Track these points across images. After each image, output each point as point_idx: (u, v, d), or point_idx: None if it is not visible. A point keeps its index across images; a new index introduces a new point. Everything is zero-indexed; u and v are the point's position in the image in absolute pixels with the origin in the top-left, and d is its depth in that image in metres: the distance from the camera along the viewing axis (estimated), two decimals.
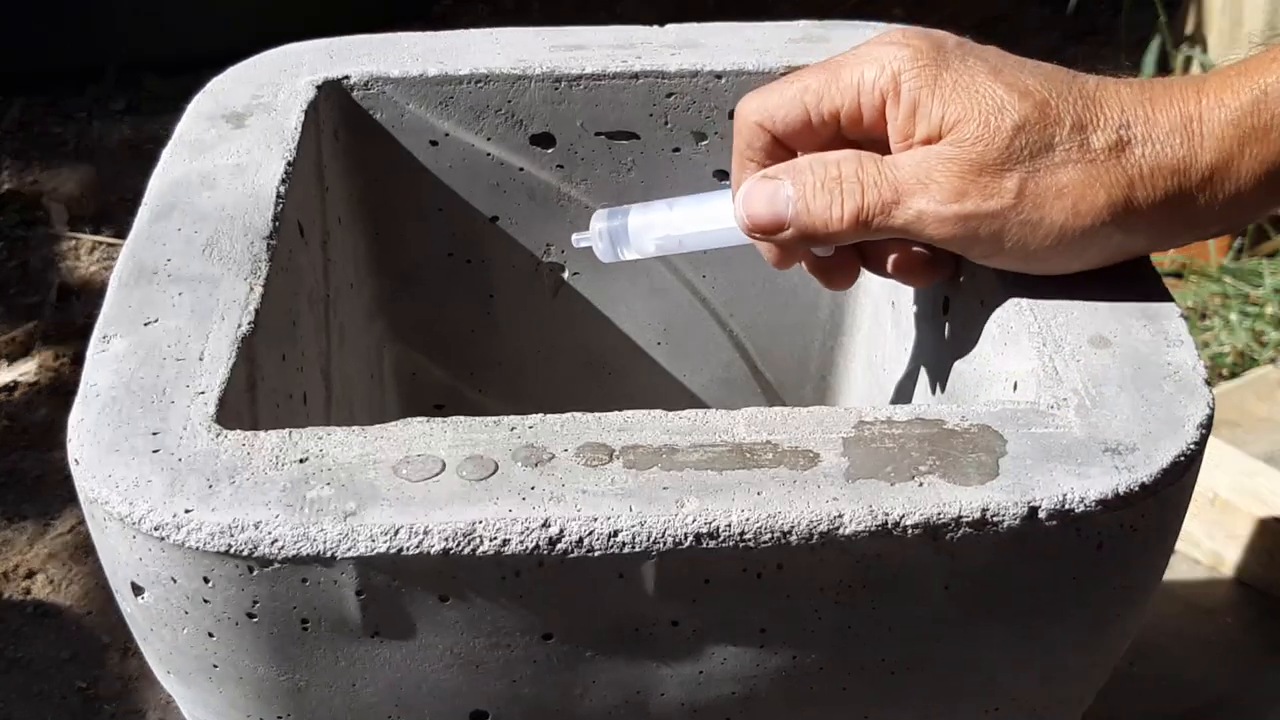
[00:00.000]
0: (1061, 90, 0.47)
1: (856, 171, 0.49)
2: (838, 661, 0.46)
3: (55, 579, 1.10)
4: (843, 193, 0.49)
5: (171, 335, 0.49)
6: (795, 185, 0.50)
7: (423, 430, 0.45)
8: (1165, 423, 0.45)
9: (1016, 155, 0.47)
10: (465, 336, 0.74)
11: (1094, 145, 0.47)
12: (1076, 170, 0.47)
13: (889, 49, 0.49)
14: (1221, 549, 1.04)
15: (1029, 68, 0.49)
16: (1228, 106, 0.46)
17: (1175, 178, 0.47)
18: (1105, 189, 0.47)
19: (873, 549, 0.42)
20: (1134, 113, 0.47)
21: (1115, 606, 0.47)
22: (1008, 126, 0.47)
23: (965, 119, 0.47)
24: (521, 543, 0.41)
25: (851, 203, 0.49)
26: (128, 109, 1.72)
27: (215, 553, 0.42)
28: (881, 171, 0.48)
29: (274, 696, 0.46)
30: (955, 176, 0.47)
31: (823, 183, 0.49)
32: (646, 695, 0.47)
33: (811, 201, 0.49)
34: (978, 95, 0.47)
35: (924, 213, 0.48)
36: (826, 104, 0.50)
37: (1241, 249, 1.39)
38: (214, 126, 0.61)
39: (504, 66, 0.65)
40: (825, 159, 0.50)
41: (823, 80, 0.50)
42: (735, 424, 0.45)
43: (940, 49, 0.49)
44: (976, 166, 0.47)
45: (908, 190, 0.48)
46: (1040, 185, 0.47)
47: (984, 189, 0.47)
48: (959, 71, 0.48)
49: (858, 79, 0.49)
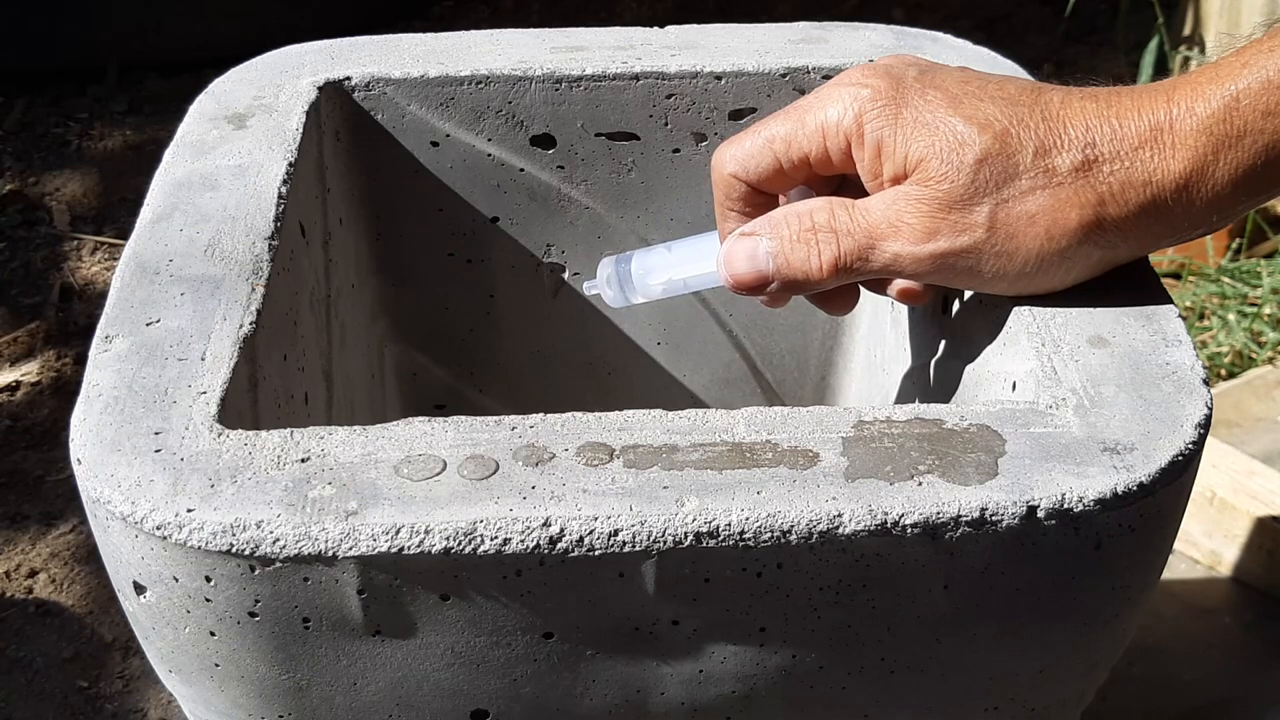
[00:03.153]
0: (1022, 115, 0.47)
1: (829, 220, 0.50)
2: (837, 660, 0.46)
3: (57, 578, 1.10)
4: (818, 243, 0.50)
5: (174, 335, 0.49)
6: (773, 239, 0.51)
7: (424, 430, 0.45)
8: (1163, 422, 0.45)
9: (982, 188, 0.47)
10: (466, 336, 0.74)
11: (1059, 168, 0.47)
12: (1044, 195, 0.47)
13: (849, 90, 0.50)
14: (1220, 548, 1.04)
15: (990, 92, 0.48)
16: (1198, 114, 0.46)
17: (1147, 190, 0.47)
18: (1076, 209, 0.47)
19: (872, 548, 0.43)
20: (1099, 129, 0.47)
21: (1113, 606, 0.47)
22: (969, 161, 0.47)
23: (928, 157, 0.47)
24: (522, 542, 0.42)
25: (829, 252, 0.49)
26: (129, 110, 1.72)
27: (217, 552, 0.42)
28: (854, 218, 0.49)
29: (275, 695, 0.46)
30: (925, 216, 0.48)
31: (799, 235, 0.50)
32: (647, 694, 0.47)
33: (790, 255, 0.50)
34: (938, 132, 0.47)
35: (899, 255, 0.49)
36: (795, 150, 0.51)
37: (1239, 250, 1.39)
38: (216, 127, 0.61)
39: (504, 68, 0.65)
40: (799, 210, 0.51)
41: (789, 127, 0.51)
42: (735, 424, 0.45)
43: (899, 85, 0.49)
44: (944, 204, 0.47)
45: (880, 234, 0.49)
46: (1010, 215, 0.47)
47: (954, 226, 0.47)
48: (918, 108, 0.48)
49: (821, 122, 0.50)
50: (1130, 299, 0.50)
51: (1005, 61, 0.67)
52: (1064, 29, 1.84)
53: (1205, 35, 1.60)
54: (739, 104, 0.66)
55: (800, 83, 0.66)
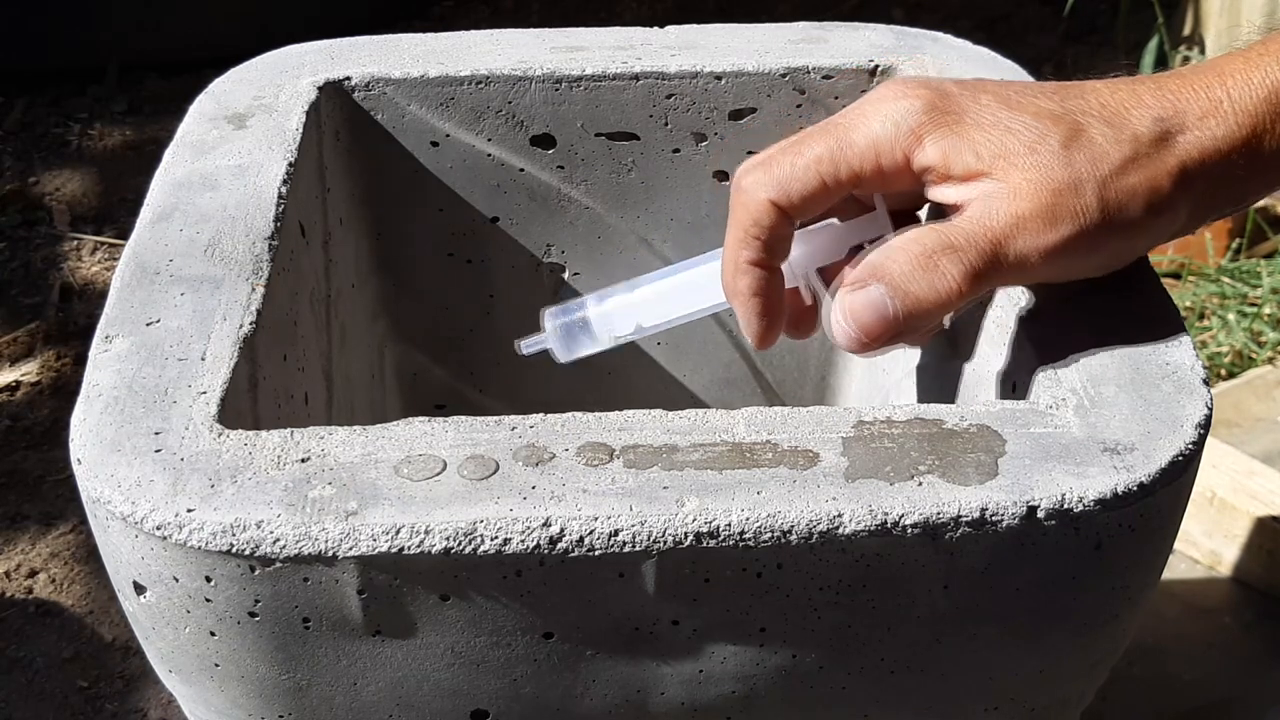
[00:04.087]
0: (1081, 106, 0.47)
1: (941, 240, 0.47)
2: (837, 661, 0.46)
3: (57, 578, 1.10)
4: (942, 264, 0.46)
5: (174, 335, 0.49)
6: (887, 281, 0.47)
7: (424, 430, 0.45)
8: (1164, 423, 0.45)
9: (1080, 172, 0.46)
10: (466, 336, 0.74)
11: (1142, 140, 0.46)
12: (1138, 169, 0.46)
13: (894, 105, 0.48)
14: (1219, 548, 1.04)
15: (1035, 90, 0.48)
16: (1255, 84, 0.47)
17: (1219, 155, 0.47)
18: (1168, 178, 0.46)
19: (872, 548, 0.43)
20: (1161, 106, 0.47)
21: (1114, 606, 0.47)
22: (1056, 147, 0.46)
23: (1013, 151, 0.46)
24: (522, 542, 0.42)
25: (956, 268, 0.46)
26: (129, 110, 1.72)
27: (217, 552, 0.42)
28: (967, 228, 0.47)
29: (275, 695, 0.46)
30: (1044, 205, 0.46)
31: (915, 263, 0.47)
32: (647, 694, 0.47)
33: (913, 286, 0.47)
34: (1011, 129, 0.46)
35: (1029, 250, 0.46)
36: (844, 169, 0.48)
37: (1239, 250, 1.39)
38: (216, 127, 0.61)
39: (504, 68, 0.65)
40: (897, 245, 0.47)
41: (832, 146, 0.48)
42: (735, 424, 0.45)
43: (945, 95, 0.48)
44: (1054, 191, 0.46)
45: (1004, 234, 0.46)
46: (1118, 192, 0.46)
47: (1072, 210, 0.46)
48: (977, 112, 0.47)
49: (873, 139, 0.48)
50: (1130, 299, 0.50)
51: (1005, 62, 0.67)
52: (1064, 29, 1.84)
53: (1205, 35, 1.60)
54: (739, 104, 0.66)
55: (800, 83, 0.66)
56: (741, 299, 0.51)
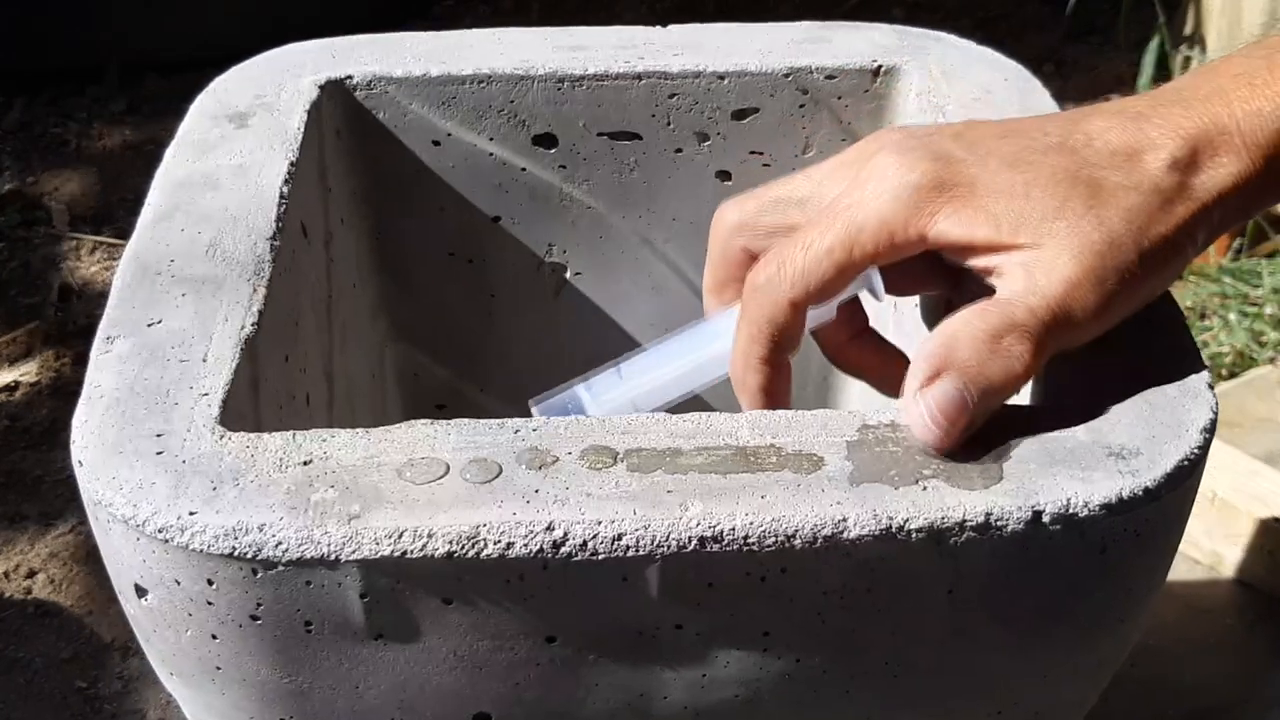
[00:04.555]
0: (1089, 155, 0.46)
1: (1006, 320, 0.45)
2: (841, 665, 0.46)
3: (56, 579, 1.10)
4: (1009, 344, 0.45)
5: (175, 336, 0.49)
6: (958, 374, 0.45)
7: (427, 433, 0.45)
8: (1168, 427, 0.45)
9: (1115, 231, 0.45)
10: (467, 336, 0.74)
11: (1163, 190, 0.46)
12: (1166, 218, 0.46)
13: (903, 179, 0.46)
14: (1221, 549, 1.04)
15: (1039, 143, 0.47)
16: (1267, 116, 0.46)
17: (1235, 191, 0.46)
18: (1192, 220, 0.46)
19: (876, 553, 0.42)
20: (1175, 145, 0.46)
21: (1118, 610, 0.47)
22: (1081, 210, 0.45)
23: (1033, 220, 0.45)
24: (525, 546, 0.41)
25: (1022, 347, 0.45)
26: (129, 109, 1.72)
27: (219, 555, 0.42)
28: (1031, 302, 0.45)
29: (277, 699, 0.46)
30: (1087, 269, 0.45)
31: (983, 350, 0.45)
32: (650, 698, 0.47)
33: (989, 373, 0.45)
34: (1030, 196, 0.45)
35: (1083, 314, 0.45)
36: (859, 255, 0.47)
37: (1240, 249, 1.39)
38: (216, 127, 0.61)
39: (506, 67, 0.65)
40: (956, 331, 0.46)
41: (843, 236, 0.47)
42: (739, 427, 0.45)
43: (951, 163, 0.46)
44: (1095, 253, 0.45)
45: (1061, 302, 0.45)
46: (1152, 243, 0.45)
47: (1117, 268, 0.45)
48: (988, 181, 0.46)
49: (884, 221, 0.47)
50: None
51: (1008, 62, 0.67)
52: (1064, 29, 1.84)
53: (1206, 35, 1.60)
54: (742, 104, 0.66)
55: (803, 82, 0.66)
56: (749, 394, 0.51)
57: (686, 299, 0.73)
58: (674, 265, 0.73)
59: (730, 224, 0.52)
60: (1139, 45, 1.64)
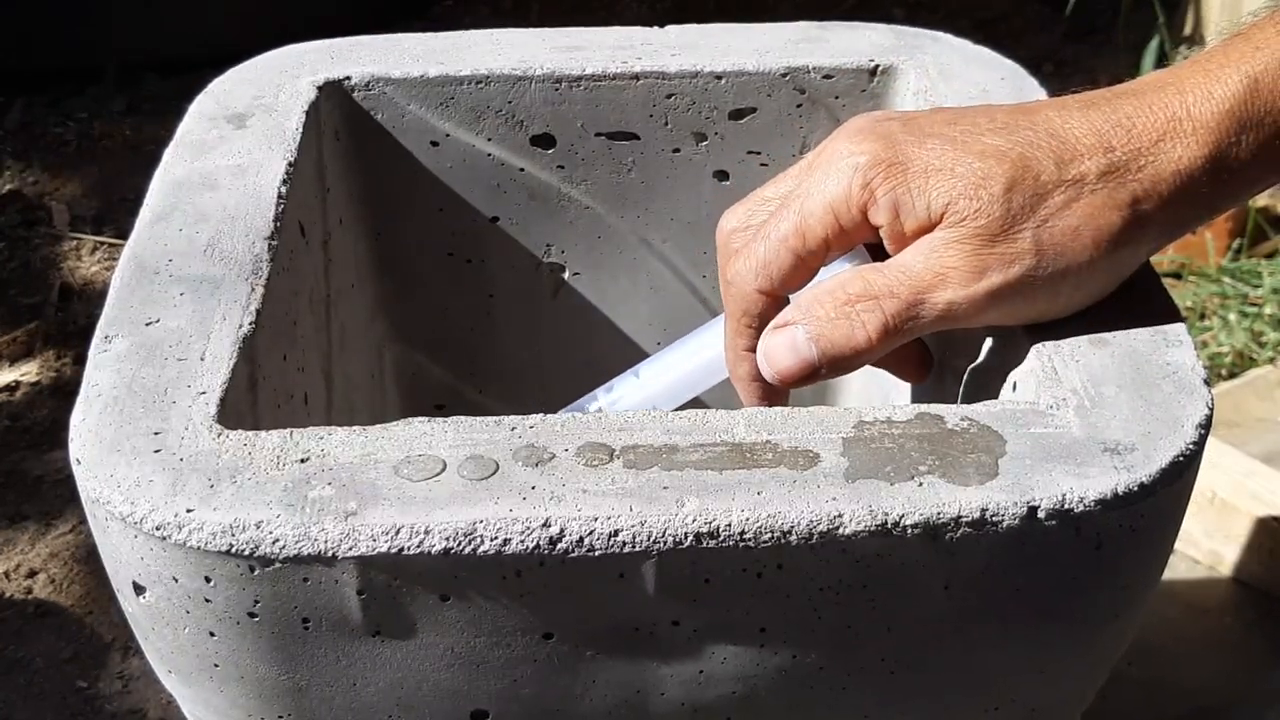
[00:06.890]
0: (1029, 138, 0.47)
1: (865, 288, 0.47)
2: (837, 661, 0.46)
3: (56, 578, 1.10)
4: (859, 313, 0.47)
5: (173, 335, 0.49)
6: (809, 324, 0.48)
7: (424, 430, 0.45)
8: (1164, 423, 0.45)
9: (1018, 215, 0.46)
10: (465, 336, 0.74)
11: (1088, 176, 0.46)
12: (1081, 207, 0.46)
13: (844, 163, 0.48)
14: (1220, 548, 1.04)
15: (983, 126, 0.47)
16: (1216, 98, 0.45)
17: (1177, 179, 0.46)
18: (1115, 212, 0.46)
19: (872, 549, 0.43)
20: (1112, 134, 0.46)
21: (1114, 606, 0.47)
22: (998, 192, 0.46)
23: (954, 199, 0.46)
24: (522, 542, 0.42)
25: (874, 319, 0.47)
26: (129, 109, 1.72)
27: (217, 552, 0.42)
28: (892, 277, 0.47)
29: (275, 696, 0.46)
30: (970, 256, 0.46)
31: (835, 311, 0.48)
32: (646, 695, 0.47)
33: (832, 333, 0.48)
34: (955, 174, 0.46)
35: (953, 302, 0.47)
36: (811, 239, 0.49)
37: (1240, 249, 1.39)
38: (215, 127, 0.61)
39: (504, 67, 0.65)
40: (828, 288, 0.48)
41: (795, 221, 0.49)
42: (735, 424, 0.45)
43: (892, 143, 0.47)
44: (987, 239, 0.46)
45: (927, 286, 0.47)
46: (1054, 234, 0.46)
47: (1002, 258, 0.46)
48: (924, 159, 0.47)
49: (828, 202, 0.48)
50: (1130, 299, 0.50)
51: (1006, 61, 0.67)
52: (1064, 29, 1.84)
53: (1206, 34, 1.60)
54: (739, 104, 0.66)
55: (800, 82, 0.66)
56: (743, 384, 0.54)
57: (685, 298, 0.74)
58: (672, 265, 0.73)
59: (728, 229, 0.54)
60: (1138, 45, 1.64)
